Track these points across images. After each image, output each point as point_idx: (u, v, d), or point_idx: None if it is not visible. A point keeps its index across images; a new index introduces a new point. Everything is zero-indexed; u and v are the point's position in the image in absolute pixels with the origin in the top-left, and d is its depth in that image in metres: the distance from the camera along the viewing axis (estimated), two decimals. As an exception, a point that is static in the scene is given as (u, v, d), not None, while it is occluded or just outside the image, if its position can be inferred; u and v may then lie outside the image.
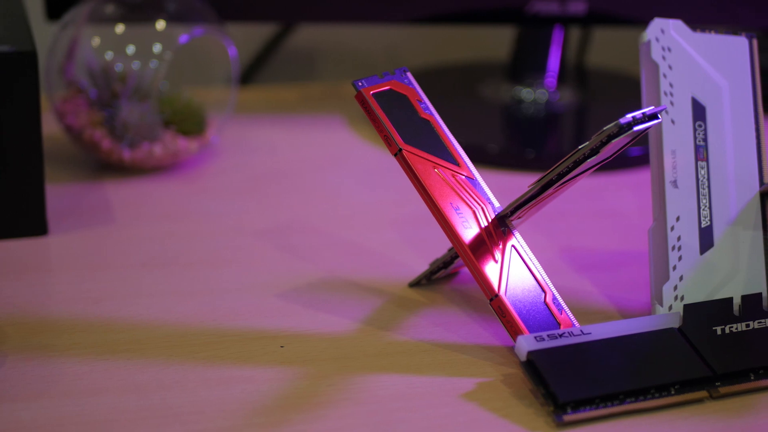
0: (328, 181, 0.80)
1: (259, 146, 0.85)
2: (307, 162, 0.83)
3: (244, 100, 0.91)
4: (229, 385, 0.55)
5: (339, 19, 0.92)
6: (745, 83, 0.64)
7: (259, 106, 0.92)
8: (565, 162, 0.56)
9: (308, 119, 0.91)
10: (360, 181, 0.80)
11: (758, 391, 0.55)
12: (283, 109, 0.92)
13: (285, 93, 0.96)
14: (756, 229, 0.62)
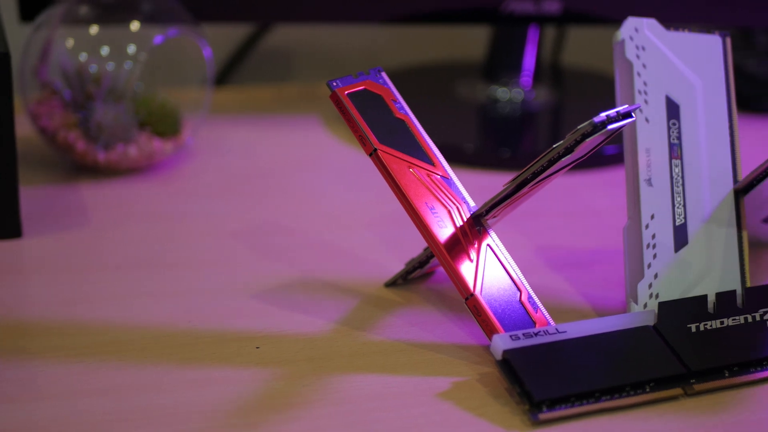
0: (303, 181, 0.80)
1: (234, 147, 0.85)
2: (283, 162, 0.83)
3: (219, 100, 0.91)
4: (205, 386, 0.55)
5: (315, 19, 0.92)
6: (718, 81, 0.65)
7: (235, 106, 0.92)
8: (539, 161, 0.56)
9: (284, 120, 0.91)
10: (336, 181, 0.80)
11: (732, 388, 0.55)
12: (258, 110, 0.92)
13: (261, 93, 0.96)
14: (730, 227, 0.62)
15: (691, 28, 0.66)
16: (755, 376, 0.56)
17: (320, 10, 0.89)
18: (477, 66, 0.97)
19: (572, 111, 0.95)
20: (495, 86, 0.93)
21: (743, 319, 0.58)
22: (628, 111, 0.54)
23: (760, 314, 0.58)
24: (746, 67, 0.97)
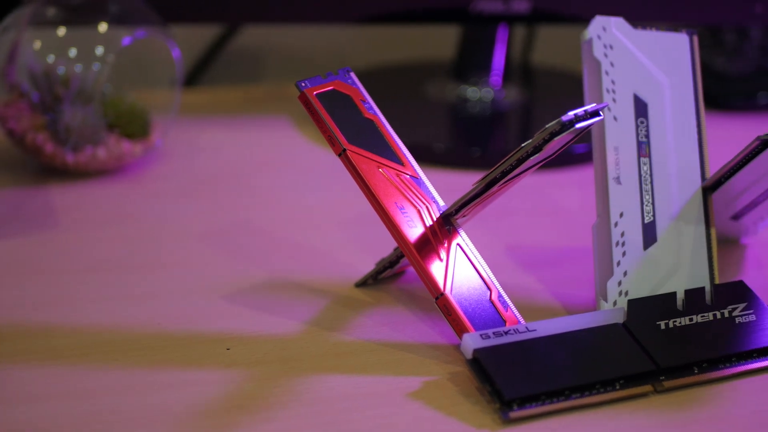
0: (273, 182, 0.80)
1: (204, 148, 0.84)
2: (253, 163, 0.83)
3: (188, 102, 0.90)
4: (175, 388, 0.55)
5: (283, 20, 0.92)
6: (686, 80, 0.65)
7: (204, 108, 0.92)
8: (508, 160, 0.56)
9: (254, 120, 0.90)
10: (306, 181, 0.80)
11: (702, 384, 0.56)
12: (228, 111, 0.92)
13: (230, 94, 0.96)
14: (698, 224, 0.62)
15: (659, 26, 0.66)
16: (724, 372, 0.56)
17: (289, 11, 0.89)
18: (446, 66, 0.97)
19: (542, 110, 0.95)
20: (465, 86, 0.93)
21: (712, 315, 0.58)
22: (596, 110, 0.55)
23: (728, 311, 0.58)
24: (714, 65, 0.98)
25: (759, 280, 0.66)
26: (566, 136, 0.55)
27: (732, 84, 0.96)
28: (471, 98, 0.93)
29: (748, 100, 0.96)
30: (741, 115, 0.95)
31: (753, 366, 0.57)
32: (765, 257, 0.69)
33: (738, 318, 0.58)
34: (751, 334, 0.58)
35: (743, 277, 0.66)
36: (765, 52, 0.98)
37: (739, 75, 0.97)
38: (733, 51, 1.00)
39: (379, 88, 0.93)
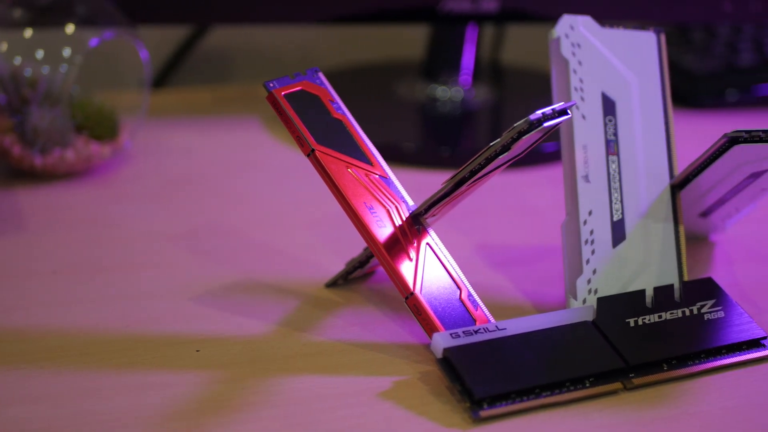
0: (243, 183, 0.80)
1: (173, 150, 0.84)
2: (223, 164, 0.83)
3: (157, 103, 0.90)
4: (145, 390, 0.54)
5: (252, 20, 0.92)
6: (653, 78, 0.65)
7: (173, 109, 0.92)
8: (477, 159, 0.56)
9: (223, 121, 0.90)
10: (276, 182, 0.80)
11: (671, 381, 0.56)
12: (197, 112, 0.92)
13: (199, 95, 0.95)
14: (667, 222, 0.62)
15: (626, 25, 0.66)
16: (693, 369, 0.56)
17: (258, 11, 0.89)
18: (416, 65, 0.97)
19: (512, 109, 0.95)
20: (434, 85, 0.93)
21: (681, 312, 0.58)
22: (564, 108, 0.55)
23: (697, 308, 0.59)
24: (683, 63, 0.98)
25: (727, 277, 0.66)
26: (534, 134, 0.55)
27: (700, 82, 0.97)
28: (440, 97, 0.93)
29: (717, 97, 0.96)
30: (710, 112, 0.96)
31: (722, 362, 0.57)
32: (734, 254, 0.69)
33: (707, 315, 0.59)
34: (720, 331, 0.58)
35: (712, 274, 0.66)
36: (733, 49, 0.99)
37: (708, 73, 0.97)
38: (701, 49, 1.00)
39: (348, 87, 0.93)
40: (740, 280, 0.66)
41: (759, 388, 0.56)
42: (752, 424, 0.53)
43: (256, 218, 0.74)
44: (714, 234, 0.71)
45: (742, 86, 0.96)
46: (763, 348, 0.58)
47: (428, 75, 0.94)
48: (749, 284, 0.66)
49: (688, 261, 0.65)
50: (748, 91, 0.96)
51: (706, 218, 0.68)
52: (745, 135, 0.58)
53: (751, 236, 0.72)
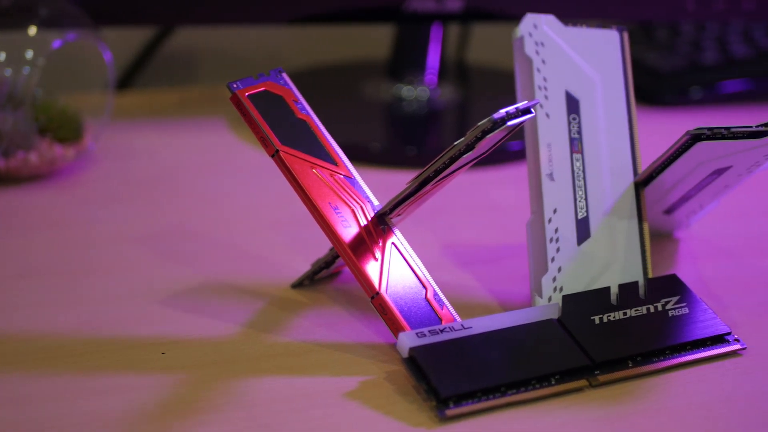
0: (209, 184, 0.80)
1: (138, 151, 0.84)
2: (188, 166, 0.83)
3: (122, 105, 0.90)
4: (110, 394, 0.54)
5: (217, 21, 0.91)
6: (617, 76, 0.66)
7: (138, 111, 0.91)
8: (441, 158, 0.56)
9: (188, 123, 0.90)
10: (241, 183, 0.80)
11: (636, 377, 0.56)
12: (162, 114, 0.91)
13: (164, 97, 0.95)
14: (631, 219, 0.63)
15: (589, 23, 0.66)
16: (658, 365, 0.56)
17: (222, 12, 0.89)
18: (381, 65, 0.97)
19: (478, 108, 0.95)
20: (400, 85, 0.93)
21: (645, 309, 0.59)
22: (528, 107, 0.55)
23: (662, 304, 0.59)
24: (646, 61, 0.99)
25: (692, 274, 0.66)
26: (498, 133, 0.55)
27: (665, 79, 0.97)
28: (406, 97, 0.93)
29: (681, 95, 0.97)
30: (674, 110, 0.96)
31: (686, 358, 0.57)
32: (698, 250, 0.70)
33: (671, 311, 0.59)
34: (684, 327, 0.58)
35: (676, 270, 0.66)
36: (697, 47, 0.99)
37: (672, 70, 0.98)
38: (665, 47, 1.01)
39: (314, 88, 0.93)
40: (704, 276, 0.67)
41: (723, 383, 0.56)
42: (717, 420, 0.54)
43: (222, 219, 0.74)
44: (678, 231, 0.71)
45: (706, 84, 0.97)
46: (727, 344, 0.58)
47: (394, 75, 0.94)
48: (713, 280, 0.66)
49: (653, 258, 0.66)
50: (712, 89, 0.97)
51: (670, 215, 0.68)
52: (707, 132, 0.58)
53: (715, 233, 0.72)
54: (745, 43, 0.99)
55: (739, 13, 0.93)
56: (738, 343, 0.58)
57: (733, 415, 0.54)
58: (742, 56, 0.98)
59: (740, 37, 1.00)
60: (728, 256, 0.70)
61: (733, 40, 0.99)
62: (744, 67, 0.98)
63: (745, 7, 0.92)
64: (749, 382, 0.56)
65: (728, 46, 0.99)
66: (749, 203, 0.77)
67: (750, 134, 0.57)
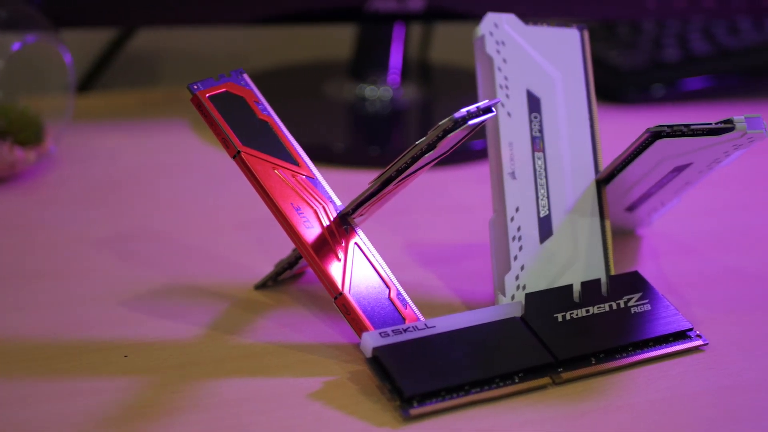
0: (171, 186, 0.79)
1: (100, 154, 0.83)
2: (151, 168, 0.82)
3: (83, 107, 0.89)
4: (73, 398, 0.54)
5: (178, 22, 0.91)
6: (577, 74, 0.66)
7: (100, 112, 0.91)
8: (403, 158, 0.56)
9: (150, 124, 0.89)
10: (204, 184, 0.80)
11: (599, 374, 0.56)
12: (124, 116, 0.91)
13: (126, 99, 0.95)
14: (593, 217, 0.63)
15: (550, 22, 0.66)
16: (621, 362, 0.57)
17: (184, 13, 0.89)
18: (344, 65, 0.97)
19: (441, 107, 0.95)
20: (363, 85, 0.93)
21: (608, 306, 0.59)
22: (489, 106, 0.55)
23: (624, 301, 0.59)
24: (608, 59, 0.99)
25: (654, 270, 0.67)
26: (460, 132, 0.55)
27: (627, 77, 0.98)
28: (369, 97, 0.93)
29: (643, 93, 0.97)
30: (636, 108, 0.97)
31: (649, 355, 0.57)
32: (660, 247, 0.70)
33: (633, 308, 0.59)
34: (647, 324, 0.59)
35: (638, 267, 0.67)
36: (658, 45, 1.00)
37: (634, 68, 0.98)
38: (627, 45, 1.01)
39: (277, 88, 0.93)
40: (666, 272, 0.67)
41: (686, 379, 0.57)
42: (679, 415, 0.54)
43: (185, 221, 0.74)
44: (640, 228, 0.72)
45: (668, 81, 0.98)
46: (689, 339, 0.59)
47: (356, 75, 0.94)
48: (675, 277, 0.66)
49: (615, 255, 0.66)
50: (673, 86, 0.98)
51: (632, 212, 0.69)
52: (667, 130, 0.58)
53: (677, 229, 0.72)
54: (705, 40, 1.00)
55: (700, 11, 0.93)
56: (700, 339, 0.59)
57: (695, 410, 0.54)
58: (703, 54, 0.98)
59: (701, 35, 1.00)
60: (690, 253, 0.70)
61: (694, 38, 1.00)
62: (705, 65, 0.98)
63: (706, 5, 0.93)
64: (711, 377, 0.57)
65: (689, 44, 0.99)
66: (710, 200, 0.77)
67: (710, 131, 0.58)
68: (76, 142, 0.83)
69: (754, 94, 0.99)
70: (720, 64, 0.98)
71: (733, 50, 0.99)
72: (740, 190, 0.80)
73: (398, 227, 0.72)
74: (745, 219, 0.76)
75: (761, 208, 0.78)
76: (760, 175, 0.83)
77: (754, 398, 0.55)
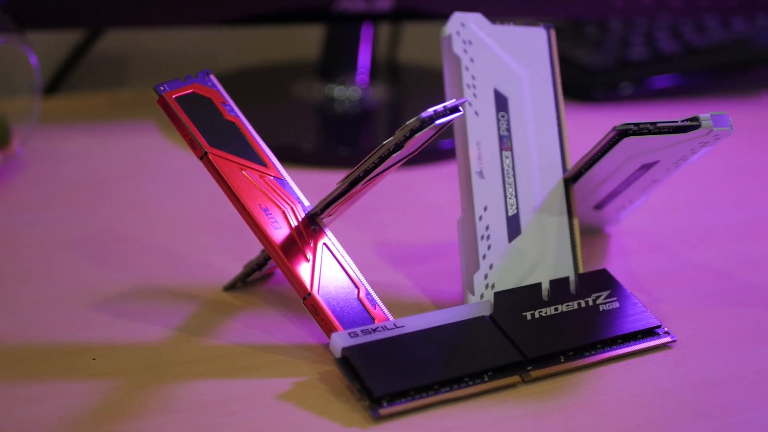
0: (140, 188, 0.79)
1: (68, 156, 0.83)
2: (119, 170, 0.82)
3: (50, 109, 0.89)
4: (42, 401, 0.54)
5: (146, 23, 0.91)
6: (544, 73, 0.66)
7: (67, 115, 0.90)
8: (371, 158, 0.56)
9: (118, 126, 0.89)
10: (173, 186, 0.79)
11: (569, 372, 0.56)
12: (91, 118, 0.90)
13: (94, 100, 0.94)
14: (561, 215, 0.63)
15: (516, 21, 0.67)
16: (590, 359, 0.57)
17: (151, 14, 0.88)
18: (312, 65, 0.97)
19: (410, 107, 0.95)
20: (331, 85, 0.93)
21: (576, 304, 0.59)
22: (456, 105, 0.55)
23: (592, 299, 0.60)
24: (576, 58, 0.99)
25: (622, 268, 0.67)
26: (427, 132, 0.55)
27: (595, 76, 0.98)
28: (338, 97, 0.93)
29: (611, 91, 0.98)
30: (604, 106, 0.97)
31: (617, 352, 0.58)
32: (628, 245, 0.70)
33: (602, 306, 0.59)
34: (615, 321, 0.59)
35: (606, 265, 0.67)
36: (626, 44, 1.00)
37: (602, 67, 0.99)
38: (595, 44, 1.01)
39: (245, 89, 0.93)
40: (634, 270, 0.67)
41: (655, 376, 0.57)
42: (648, 412, 0.54)
43: (153, 223, 0.73)
44: (608, 226, 0.72)
45: (636, 80, 0.98)
46: (657, 336, 0.59)
47: (325, 75, 0.94)
48: (643, 274, 0.67)
49: (584, 253, 0.66)
50: (641, 85, 0.98)
51: (600, 211, 0.69)
52: (633, 128, 0.58)
53: (645, 227, 0.73)
54: (673, 38, 1.00)
55: (667, 10, 0.94)
56: (668, 336, 0.59)
57: (664, 407, 0.55)
58: (670, 52, 0.99)
59: (668, 33, 1.01)
60: (658, 250, 0.71)
61: (661, 37, 1.00)
62: (672, 63, 0.99)
63: (673, 4, 0.93)
64: (679, 374, 0.57)
65: (656, 43, 1.00)
66: (677, 197, 0.78)
67: (676, 129, 0.58)
68: (43, 144, 0.83)
69: (722, 91, 0.99)
70: (687, 63, 0.99)
71: (700, 48, 0.99)
72: (707, 187, 0.81)
73: (367, 227, 0.72)
74: (712, 216, 0.76)
75: (727, 204, 0.78)
76: (727, 172, 0.83)
77: (722, 394, 0.55)
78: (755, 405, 0.55)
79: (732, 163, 0.85)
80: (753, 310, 0.63)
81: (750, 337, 0.61)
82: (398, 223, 0.74)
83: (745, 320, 0.62)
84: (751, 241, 0.72)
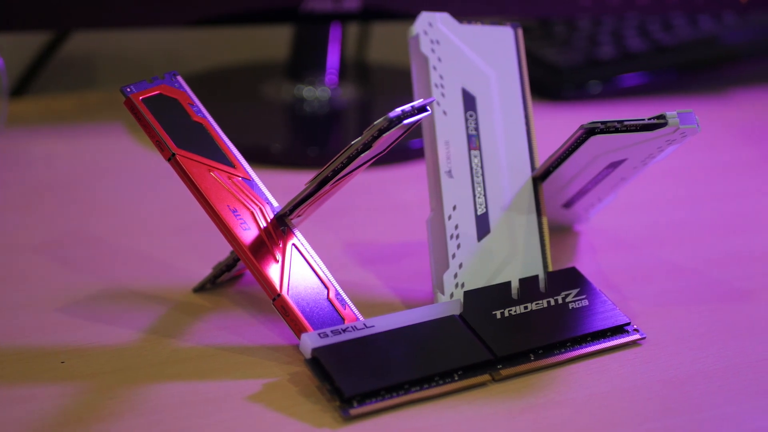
0: (108, 190, 0.79)
1: (35, 159, 0.82)
2: (87, 172, 0.81)
3: (17, 111, 0.88)
4: (10, 405, 0.53)
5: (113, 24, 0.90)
6: (512, 72, 0.66)
7: (35, 117, 0.90)
8: (339, 158, 0.56)
9: (87, 128, 0.89)
10: (141, 188, 0.79)
11: (539, 370, 0.57)
12: (59, 120, 0.90)
13: (61, 103, 0.94)
14: (530, 213, 0.63)
15: (484, 20, 0.67)
16: (559, 357, 0.57)
17: (119, 15, 0.88)
18: (281, 66, 0.96)
19: (379, 107, 0.95)
20: (300, 85, 0.93)
21: (546, 303, 0.59)
22: (423, 105, 0.55)
23: (562, 297, 0.60)
24: (545, 57, 1.00)
25: (591, 266, 0.67)
26: (395, 132, 0.55)
27: (563, 74, 0.98)
28: (307, 97, 0.93)
29: (580, 89, 0.98)
30: (573, 104, 0.97)
31: (587, 350, 0.58)
32: (597, 243, 0.71)
33: (571, 304, 0.60)
34: (585, 319, 0.59)
35: (576, 263, 0.67)
36: (594, 42, 1.01)
37: (571, 66, 0.99)
38: (563, 42, 1.02)
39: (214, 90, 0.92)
40: (603, 268, 0.67)
41: (624, 373, 0.57)
42: (618, 409, 0.54)
43: (122, 225, 0.73)
44: (578, 224, 0.72)
45: (604, 78, 0.98)
46: (626, 334, 0.59)
47: (294, 75, 0.94)
48: (612, 272, 0.67)
49: (553, 251, 0.66)
50: (610, 83, 0.98)
51: (569, 209, 0.69)
52: (601, 126, 0.59)
53: (614, 225, 0.73)
54: (640, 37, 1.01)
55: (634, 8, 0.94)
56: (637, 333, 0.59)
57: (633, 404, 0.55)
58: (638, 50, 0.99)
59: (636, 32, 1.01)
60: (627, 248, 0.71)
61: (629, 35, 1.01)
62: (640, 61, 0.99)
63: (640, 2, 0.93)
64: (649, 371, 0.57)
65: (624, 41, 1.00)
66: (646, 195, 0.78)
67: (643, 127, 0.58)
68: (11, 147, 0.83)
69: (689, 89, 1.00)
70: (655, 60, 0.99)
71: (668, 46, 1.00)
72: (675, 184, 0.81)
73: (336, 227, 0.72)
74: (681, 213, 0.76)
75: (696, 202, 0.78)
76: (694, 169, 0.84)
77: (691, 391, 0.56)
78: (724, 401, 0.55)
79: (699, 161, 0.85)
80: (721, 306, 0.64)
81: (719, 333, 0.61)
82: (367, 223, 0.74)
83: (713, 316, 0.63)
84: (719, 238, 0.73)
